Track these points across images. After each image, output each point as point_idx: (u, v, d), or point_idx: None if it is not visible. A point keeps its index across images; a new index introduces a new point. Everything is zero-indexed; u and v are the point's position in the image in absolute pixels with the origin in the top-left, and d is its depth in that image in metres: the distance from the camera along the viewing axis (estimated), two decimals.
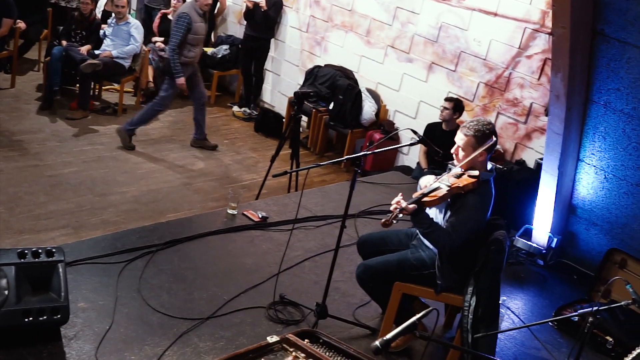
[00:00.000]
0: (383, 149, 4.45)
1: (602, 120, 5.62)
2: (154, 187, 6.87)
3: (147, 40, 9.23)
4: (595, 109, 5.62)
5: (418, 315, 2.72)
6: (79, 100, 8.32)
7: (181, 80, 7.59)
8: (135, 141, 7.77)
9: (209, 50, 9.89)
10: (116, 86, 9.10)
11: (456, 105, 6.90)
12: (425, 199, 3.95)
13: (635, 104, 5.37)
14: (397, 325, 2.99)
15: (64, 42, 8.58)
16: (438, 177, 4.26)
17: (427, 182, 4.23)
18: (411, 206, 3.89)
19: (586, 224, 6.07)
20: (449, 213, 4.10)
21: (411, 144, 4.27)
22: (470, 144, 4.03)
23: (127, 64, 8.66)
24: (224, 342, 4.16)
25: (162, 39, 9.26)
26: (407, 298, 4.40)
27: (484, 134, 4.02)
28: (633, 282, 5.18)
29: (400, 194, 3.99)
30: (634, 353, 3.23)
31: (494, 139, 4.09)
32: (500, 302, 4.46)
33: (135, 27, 8.66)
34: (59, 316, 3.77)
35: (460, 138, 4.07)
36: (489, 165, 4.15)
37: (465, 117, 7.08)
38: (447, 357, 4.37)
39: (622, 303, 3.59)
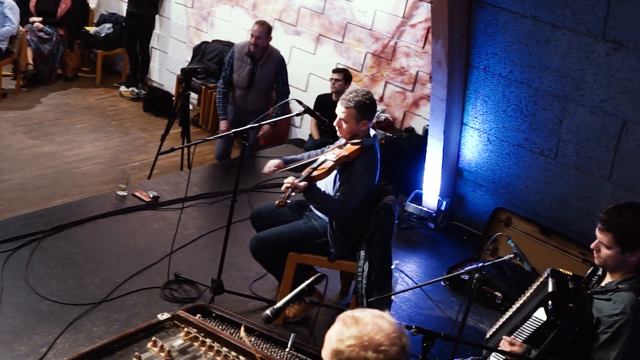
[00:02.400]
0: (268, 122, 4.44)
1: (482, 84, 5.80)
2: (39, 173, 6.62)
3: (24, 20, 8.82)
4: (475, 74, 5.80)
5: (307, 282, 2.74)
6: None
7: (222, 125, 6.73)
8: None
9: (92, 30, 9.56)
10: None
11: (346, 76, 6.95)
12: (315, 173, 3.98)
13: (513, 67, 5.57)
14: None
15: None
16: (289, 159, 4.43)
17: (272, 163, 4.39)
18: (302, 184, 3.91)
19: (473, 186, 6.28)
20: (338, 183, 4.15)
21: (297, 114, 4.29)
22: (353, 116, 4.08)
23: (3, 46, 8.26)
24: (119, 325, 4.08)
25: (40, 19, 8.87)
26: (302, 268, 4.43)
27: (365, 104, 4.08)
28: (518, 238, 5.44)
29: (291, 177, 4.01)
30: (517, 305, 3.36)
31: (374, 107, 4.17)
32: (393, 266, 4.58)
33: (10, 7, 8.25)
34: None
35: (341, 111, 4.11)
36: (372, 132, 4.21)
37: (353, 87, 7.15)
38: None
39: (505, 258, 3.73)
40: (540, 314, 2.88)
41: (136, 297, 4.40)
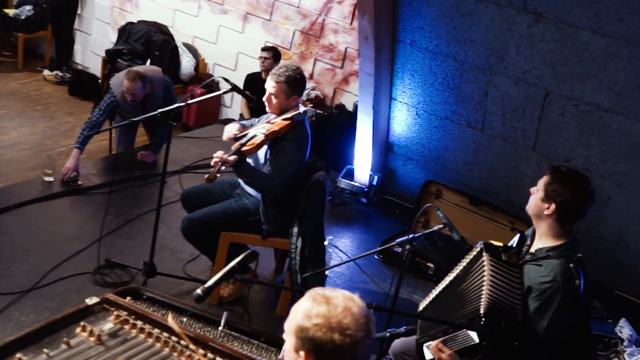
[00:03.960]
0: (195, 100, 4.38)
1: (409, 58, 5.85)
2: None
3: None
4: (402, 48, 5.84)
5: (237, 260, 2.73)
6: None
7: (74, 153, 5.52)
8: None
9: (11, 12, 9.23)
10: None
11: (275, 54, 6.91)
12: (245, 148, 3.96)
13: (438, 40, 5.63)
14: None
15: None
16: (246, 125, 4.32)
17: (232, 129, 4.27)
18: (232, 158, 3.88)
19: (403, 160, 6.35)
20: (269, 158, 4.14)
21: (224, 92, 4.25)
22: (283, 91, 4.07)
23: None
24: (49, 313, 4.00)
25: None
26: (235, 247, 4.41)
27: (295, 79, 4.07)
28: (448, 209, 5.54)
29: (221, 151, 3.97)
30: (450, 277, 3.41)
31: (304, 83, 4.17)
32: (326, 242, 4.61)
33: None
34: None
35: (271, 86, 4.09)
36: (302, 108, 4.21)
37: (283, 63, 7.11)
38: (280, 300, 4.46)
39: (435, 228, 3.78)
40: (472, 332, 2.88)
41: (66, 284, 4.32)
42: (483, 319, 2.80)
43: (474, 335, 2.84)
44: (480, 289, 2.94)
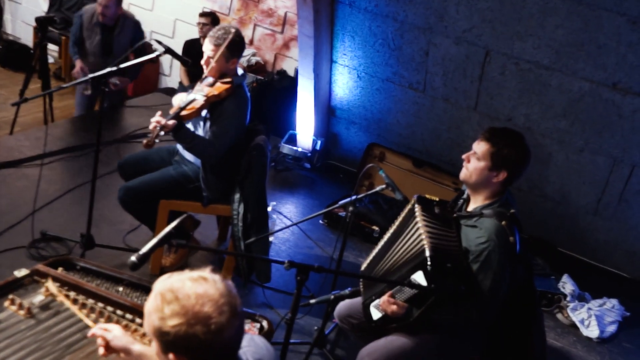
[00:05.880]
0: (128, 64, 4.22)
1: (349, 20, 5.77)
2: None
3: None
4: (342, 10, 5.74)
5: (173, 224, 2.64)
6: None
7: (77, 64, 5.97)
8: None
9: None
10: None
11: (214, 19, 6.75)
12: (184, 112, 3.84)
13: (377, 1, 5.55)
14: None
15: None
16: (191, 91, 4.18)
17: (181, 99, 4.11)
18: (171, 122, 3.75)
19: (346, 124, 6.30)
20: (209, 123, 4.03)
21: (158, 56, 4.10)
22: (222, 54, 3.94)
23: None
24: None
25: None
26: (176, 215, 4.29)
27: (235, 41, 3.95)
28: (392, 172, 5.53)
29: (159, 112, 3.83)
30: (388, 234, 3.39)
31: (243, 45, 4.06)
32: (270, 207, 4.53)
33: None
34: None
35: (210, 49, 3.96)
36: (240, 71, 4.10)
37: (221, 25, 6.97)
38: (223, 267, 4.38)
39: (377, 189, 3.74)
40: (419, 278, 2.85)
41: (0, 259, 4.16)
42: (430, 261, 2.78)
43: (421, 278, 2.81)
44: (418, 239, 2.92)
